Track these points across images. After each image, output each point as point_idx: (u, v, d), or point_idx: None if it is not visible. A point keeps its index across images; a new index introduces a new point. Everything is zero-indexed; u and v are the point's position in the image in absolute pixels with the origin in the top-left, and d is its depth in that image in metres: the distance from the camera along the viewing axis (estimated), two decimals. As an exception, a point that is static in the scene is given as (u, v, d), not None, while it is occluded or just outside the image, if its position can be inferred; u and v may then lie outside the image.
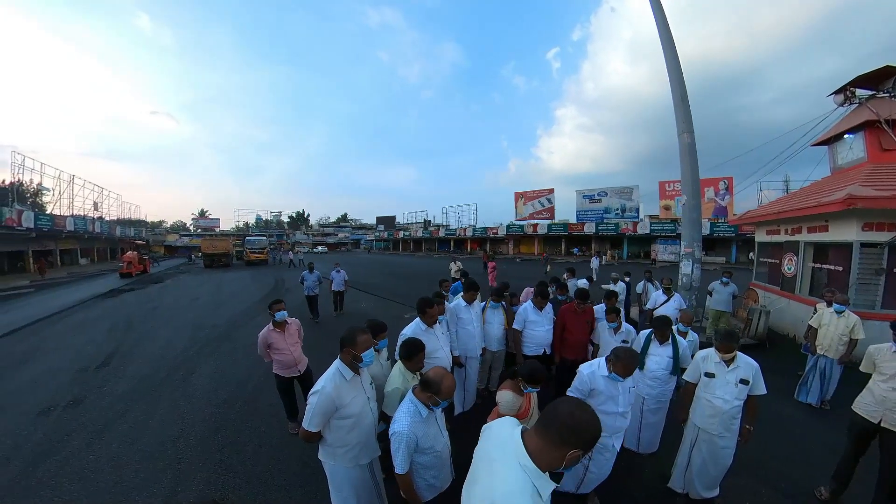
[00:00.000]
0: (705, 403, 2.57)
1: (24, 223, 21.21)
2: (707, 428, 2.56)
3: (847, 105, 7.02)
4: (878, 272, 5.48)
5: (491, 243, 43.40)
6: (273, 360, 3.61)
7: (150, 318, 9.38)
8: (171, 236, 60.73)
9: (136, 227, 47.84)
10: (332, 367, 2.05)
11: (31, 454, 3.39)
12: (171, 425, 3.86)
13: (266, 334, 3.55)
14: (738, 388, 2.46)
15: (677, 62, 7.61)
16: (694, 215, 7.52)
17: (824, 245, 6.39)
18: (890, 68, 6.39)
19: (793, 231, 7.15)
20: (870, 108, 6.43)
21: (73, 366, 5.80)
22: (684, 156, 7.59)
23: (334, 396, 1.92)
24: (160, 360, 6.00)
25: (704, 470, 2.60)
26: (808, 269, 6.73)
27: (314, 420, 1.91)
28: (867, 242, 5.53)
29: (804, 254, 6.79)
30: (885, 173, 5.88)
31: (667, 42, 7.71)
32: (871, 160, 6.37)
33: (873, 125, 6.31)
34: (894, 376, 2.53)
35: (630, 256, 31.76)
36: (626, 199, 34.17)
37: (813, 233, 6.56)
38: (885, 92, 6.55)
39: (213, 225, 67.01)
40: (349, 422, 1.98)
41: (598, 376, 2.47)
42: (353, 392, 2.03)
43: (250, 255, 28.55)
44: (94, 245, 34.16)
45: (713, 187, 29.20)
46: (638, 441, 3.23)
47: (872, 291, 5.53)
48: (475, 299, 3.83)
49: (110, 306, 11.50)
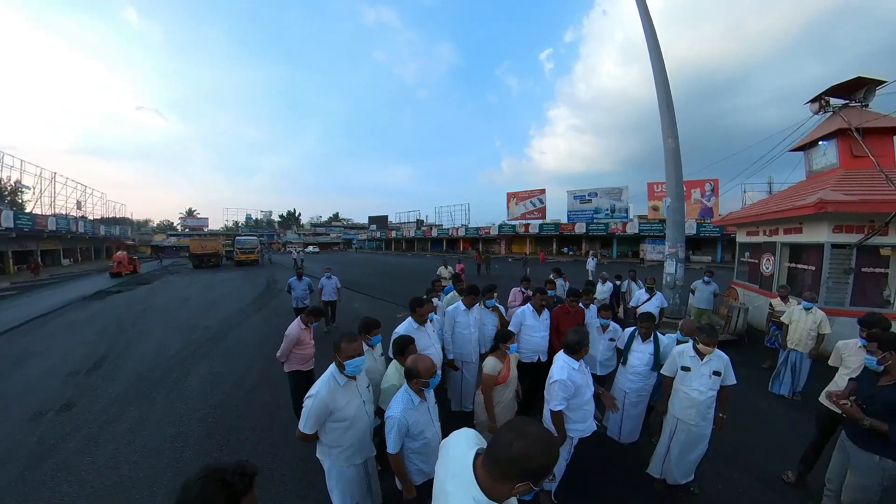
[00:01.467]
0: (683, 396, 2.75)
1: (3, 223, 20.57)
2: (685, 418, 2.74)
3: (822, 113, 7.35)
4: (847, 272, 5.80)
5: (483, 243, 43.63)
6: (291, 359, 3.67)
7: (140, 320, 9.28)
8: (158, 236, 59.47)
9: (121, 226, 46.70)
10: (328, 372, 2.12)
11: (27, 458, 3.40)
12: (169, 426, 3.90)
13: (297, 331, 3.62)
14: (712, 379, 2.65)
15: (663, 70, 7.87)
16: (678, 217, 7.82)
17: (799, 246, 6.74)
18: (861, 79, 6.74)
19: (770, 232, 7.50)
20: (842, 116, 6.76)
21: (64, 369, 5.75)
22: (669, 160, 7.88)
23: (328, 401, 1.99)
24: (153, 362, 5.98)
25: (682, 458, 2.78)
26: (785, 269, 7.09)
27: (309, 422, 1.99)
28: (837, 244, 5.86)
29: (781, 254, 7.13)
30: (855, 179, 6.22)
31: (653, 50, 7.96)
32: (843, 166, 6.72)
33: (845, 133, 6.64)
34: (857, 370, 2.68)
35: (619, 256, 32.35)
36: (615, 199, 34.83)
37: (789, 234, 6.91)
38: (856, 101, 6.91)
39: (201, 224, 65.81)
40: (344, 424, 2.05)
41: (573, 373, 2.49)
42: (348, 396, 2.09)
43: (240, 256, 28.18)
44: (77, 245, 33.25)
45: (699, 189, 30.01)
46: (620, 431, 3.43)
47: (842, 290, 5.86)
48: (475, 304, 3.80)
49: (99, 308, 11.30)
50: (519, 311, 3.82)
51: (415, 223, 60.19)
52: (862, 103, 6.87)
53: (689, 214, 30.08)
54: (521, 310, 3.80)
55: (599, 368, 3.71)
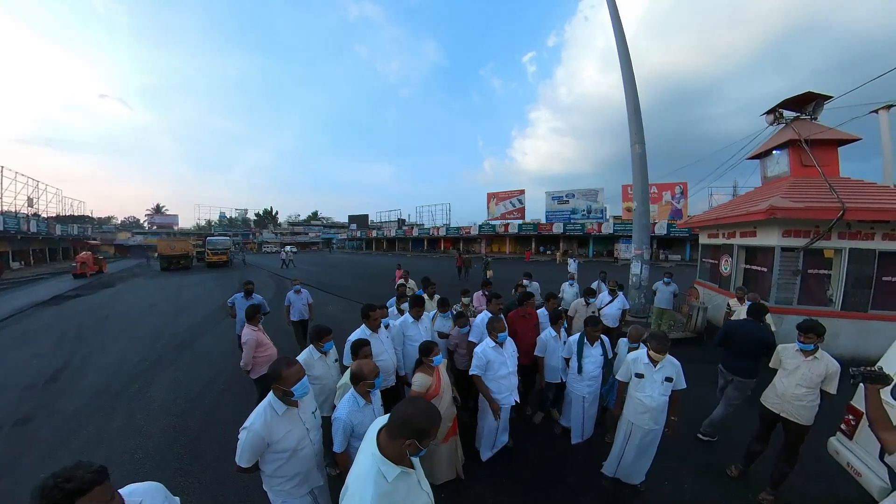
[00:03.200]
0: (637, 401, 2.84)
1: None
2: (639, 423, 2.84)
3: (776, 124, 7.90)
4: (795, 273, 6.29)
5: (464, 242, 43.95)
6: (256, 364, 3.63)
7: (102, 328, 8.75)
8: (122, 234, 56.05)
9: (79, 224, 43.62)
10: (264, 402, 1.94)
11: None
12: (128, 438, 3.80)
13: (254, 335, 3.62)
14: (664, 385, 2.76)
15: (632, 77, 8.18)
16: (643, 220, 8.14)
17: (753, 248, 7.17)
18: (811, 94, 7.30)
19: (728, 235, 7.94)
20: (793, 128, 7.30)
21: (19, 382, 5.38)
22: (636, 165, 8.21)
23: (263, 434, 1.85)
24: (114, 372, 5.69)
25: (637, 459, 2.90)
26: (741, 269, 7.53)
27: (244, 456, 1.86)
28: (787, 247, 6.32)
29: (737, 255, 7.57)
30: (803, 186, 6.74)
31: (623, 58, 8.25)
32: (794, 174, 7.27)
33: (796, 144, 7.17)
34: (793, 372, 2.84)
35: (595, 255, 33.49)
36: (591, 200, 36.08)
37: (745, 237, 7.34)
38: (806, 114, 7.48)
39: (170, 222, 62.41)
40: (284, 455, 1.91)
41: (487, 350, 3.04)
42: (289, 425, 1.93)
43: (212, 257, 27.03)
44: (28, 247, 30.76)
45: (670, 191, 31.50)
46: (582, 433, 3.56)
47: (791, 290, 6.33)
48: (421, 315, 3.67)
49: (56, 315, 10.55)
50: (478, 318, 3.81)
51: (396, 222, 59.75)
52: (811, 116, 7.44)
53: (661, 216, 31.52)
54: (480, 317, 3.80)
55: (563, 375, 3.71)
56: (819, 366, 2.76)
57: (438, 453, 2.87)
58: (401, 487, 1.40)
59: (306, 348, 3.03)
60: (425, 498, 1.52)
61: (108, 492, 1.10)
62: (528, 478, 3.14)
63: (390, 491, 1.35)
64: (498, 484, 3.05)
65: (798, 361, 2.85)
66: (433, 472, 2.91)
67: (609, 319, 5.65)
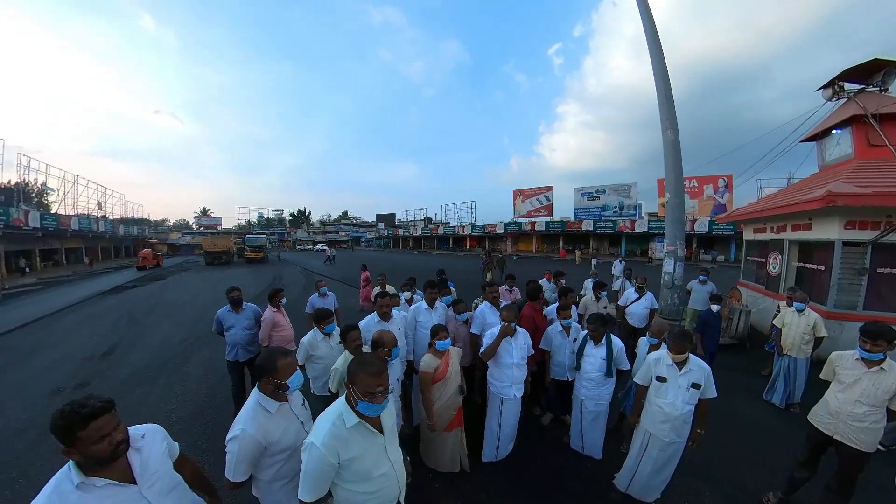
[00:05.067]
0: (656, 409, 2.49)
1: (31, 223, 21.53)
2: (658, 434, 2.48)
3: (835, 99, 6.94)
4: (861, 272, 5.34)
5: (489, 241, 43.52)
6: (273, 343, 3.84)
7: (151, 313, 9.65)
8: (174, 234, 61.24)
9: (139, 225, 48.25)
10: (250, 402, 1.70)
11: (44, 426, 3.59)
12: (165, 404, 4.27)
13: (271, 315, 3.85)
14: (690, 392, 2.39)
15: (662, 58, 7.45)
16: (677, 214, 7.24)
17: (808, 244, 6.23)
18: (878, 61, 6.31)
19: (778, 229, 7.03)
20: (857, 102, 6.36)
21: (80, 355, 6.15)
22: (668, 153, 7.42)
23: (259, 438, 1.62)
24: (158, 350, 6.31)
25: (653, 474, 2.55)
26: (793, 269, 6.57)
27: (240, 468, 1.60)
28: (850, 241, 5.43)
29: (788, 252, 6.66)
30: (871, 169, 5.84)
31: (652, 38, 7.55)
32: (859, 156, 6.32)
33: (861, 120, 6.25)
34: (852, 385, 2.37)
35: (628, 254, 31.77)
36: (624, 196, 34.20)
37: (797, 231, 6.42)
38: (873, 86, 6.51)
39: (215, 223, 67.36)
40: (283, 455, 1.72)
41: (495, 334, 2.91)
42: (283, 423, 1.73)
43: (250, 253, 28.85)
44: (98, 244, 34.51)
45: (713, 184, 29.09)
46: (582, 443, 3.24)
47: (854, 292, 5.40)
48: (435, 301, 3.63)
49: (115, 302, 11.78)
50: (478, 310, 3.67)
51: (422, 221, 60.36)
52: (880, 87, 6.45)
53: (702, 212, 29.21)
54: (480, 308, 3.67)
55: (570, 374, 3.40)
56: (887, 379, 2.27)
57: (442, 441, 2.82)
58: (357, 439, 1.49)
59: (310, 330, 3.09)
60: (387, 467, 1.55)
61: (116, 419, 1.22)
62: (528, 479, 2.94)
63: (346, 437, 1.46)
64: (493, 482, 2.89)
65: (858, 373, 2.37)
66: (437, 460, 2.89)
67: (635, 319, 5.30)
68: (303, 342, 3.02)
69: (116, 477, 1.23)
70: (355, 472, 1.47)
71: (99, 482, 1.19)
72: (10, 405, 4.35)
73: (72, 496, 1.15)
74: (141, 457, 1.32)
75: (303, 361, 2.95)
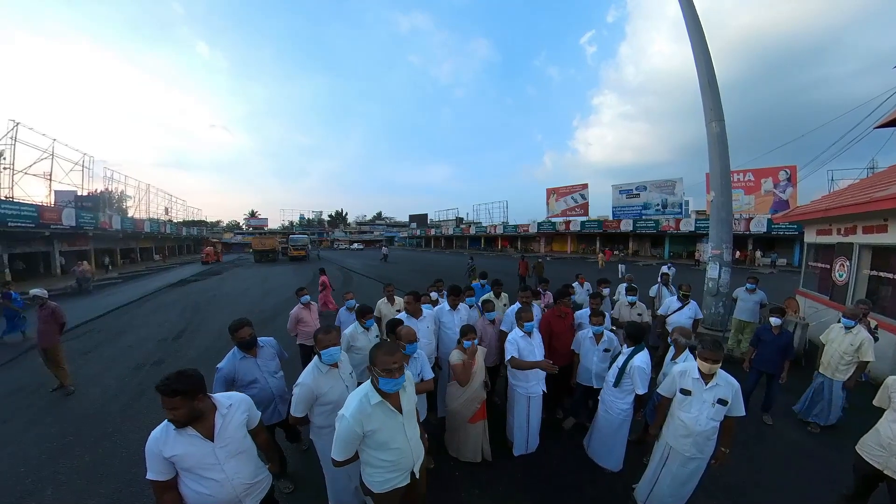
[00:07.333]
0: (679, 423, 2.39)
1: (113, 226, 24.98)
2: (679, 448, 2.38)
3: None
4: None
5: (522, 241, 42.88)
6: (299, 334, 4.44)
7: (210, 304, 10.97)
8: (227, 234, 67.11)
9: (198, 227, 53.67)
10: (311, 364, 2.31)
11: (133, 392, 4.71)
12: None
13: (297, 312, 4.44)
14: (716, 408, 2.26)
15: (703, 41, 7.02)
16: (723, 214, 6.83)
17: (884, 248, 5.25)
18: None
19: (846, 231, 6.02)
20: None
21: (156, 337, 7.27)
22: (713, 147, 6.94)
23: (312, 387, 2.21)
24: (217, 335, 7.24)
25: (673, 489, 2.47)
26: (864, 278, 5.58)
27: (298, 407, 2.22)
28: None
29: (859, 258, 5.67)
30: None
31: (691, 18, 7.12)
32: None
33: None
34: None
35: (672, 256, 29.50)
36: (667, 193, 31.69)
37: (869, 233, 5.47)
38: None
39: (262, 224, 72.98)
40: (329, 407, 2.25)
41: (517, 338, 3.09)
42: (331, 382, 2.29)
43: (293, 251, 31.07)
44: (165, 244, 39.02)
45: (772, 178, 25.63)
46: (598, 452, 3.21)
47: None
48: (458, 304, 3.84)
49: (180, 294, 13.44)
50: (510, 309, 3.85)
51: (454, 221, 60.87)
52: None
53: (760, 209, 25.98)
54: (511, 308, 3.84)
55: (595, 381, 3.41)
56: None
57: (466, 432, 3.05)
58: (379, 415, 1.78)
59: (352, 323, 3.45)
60: (403, 442, 1.84)
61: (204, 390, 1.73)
62: (546, 477, 3.01)
63: (369, 412, 1.75)
64: (511, 476, 3.02)
65: None
66: (459, 449, 3.15)
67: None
68: (344, 334, 3.28)
69: (203, 432, 1.66)
70: (376, 441, 1.78)
71: (190, 431, 1.64)
72: (105, 376, 5.31)
73: (172, 433, 1.62)
74: (223, 421, 1.72)
75: (344, 350, 3.22)
